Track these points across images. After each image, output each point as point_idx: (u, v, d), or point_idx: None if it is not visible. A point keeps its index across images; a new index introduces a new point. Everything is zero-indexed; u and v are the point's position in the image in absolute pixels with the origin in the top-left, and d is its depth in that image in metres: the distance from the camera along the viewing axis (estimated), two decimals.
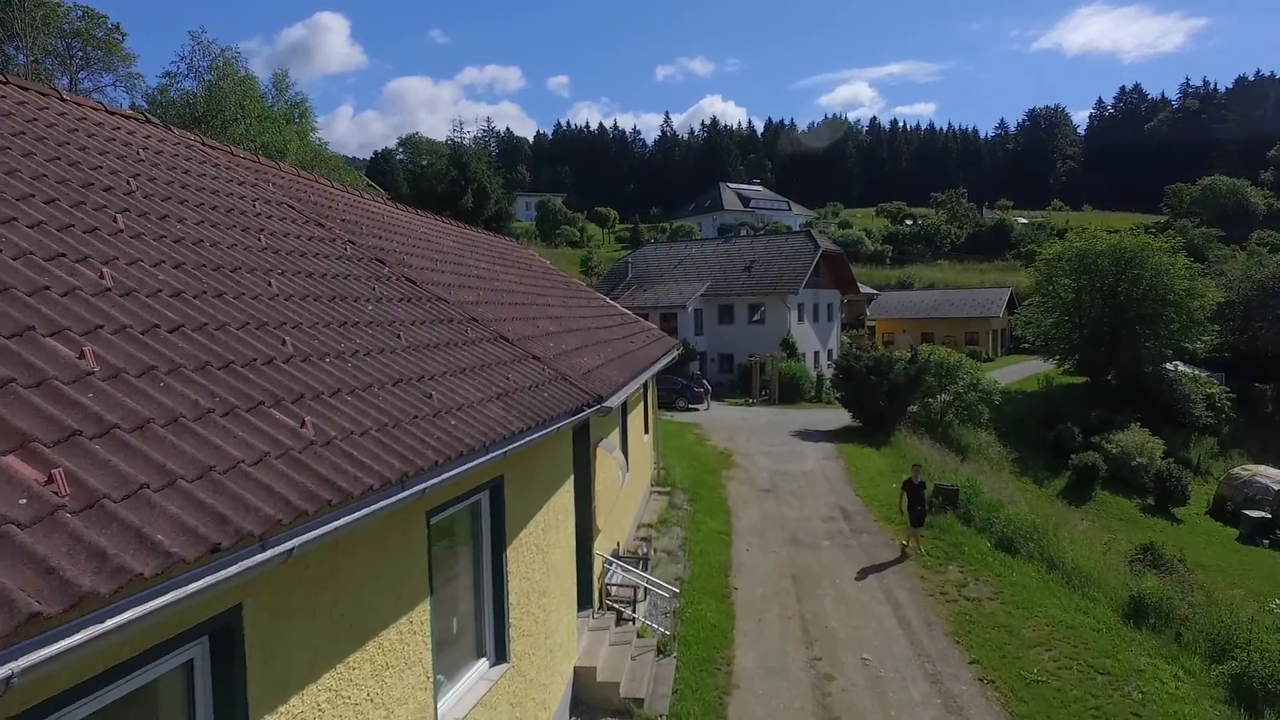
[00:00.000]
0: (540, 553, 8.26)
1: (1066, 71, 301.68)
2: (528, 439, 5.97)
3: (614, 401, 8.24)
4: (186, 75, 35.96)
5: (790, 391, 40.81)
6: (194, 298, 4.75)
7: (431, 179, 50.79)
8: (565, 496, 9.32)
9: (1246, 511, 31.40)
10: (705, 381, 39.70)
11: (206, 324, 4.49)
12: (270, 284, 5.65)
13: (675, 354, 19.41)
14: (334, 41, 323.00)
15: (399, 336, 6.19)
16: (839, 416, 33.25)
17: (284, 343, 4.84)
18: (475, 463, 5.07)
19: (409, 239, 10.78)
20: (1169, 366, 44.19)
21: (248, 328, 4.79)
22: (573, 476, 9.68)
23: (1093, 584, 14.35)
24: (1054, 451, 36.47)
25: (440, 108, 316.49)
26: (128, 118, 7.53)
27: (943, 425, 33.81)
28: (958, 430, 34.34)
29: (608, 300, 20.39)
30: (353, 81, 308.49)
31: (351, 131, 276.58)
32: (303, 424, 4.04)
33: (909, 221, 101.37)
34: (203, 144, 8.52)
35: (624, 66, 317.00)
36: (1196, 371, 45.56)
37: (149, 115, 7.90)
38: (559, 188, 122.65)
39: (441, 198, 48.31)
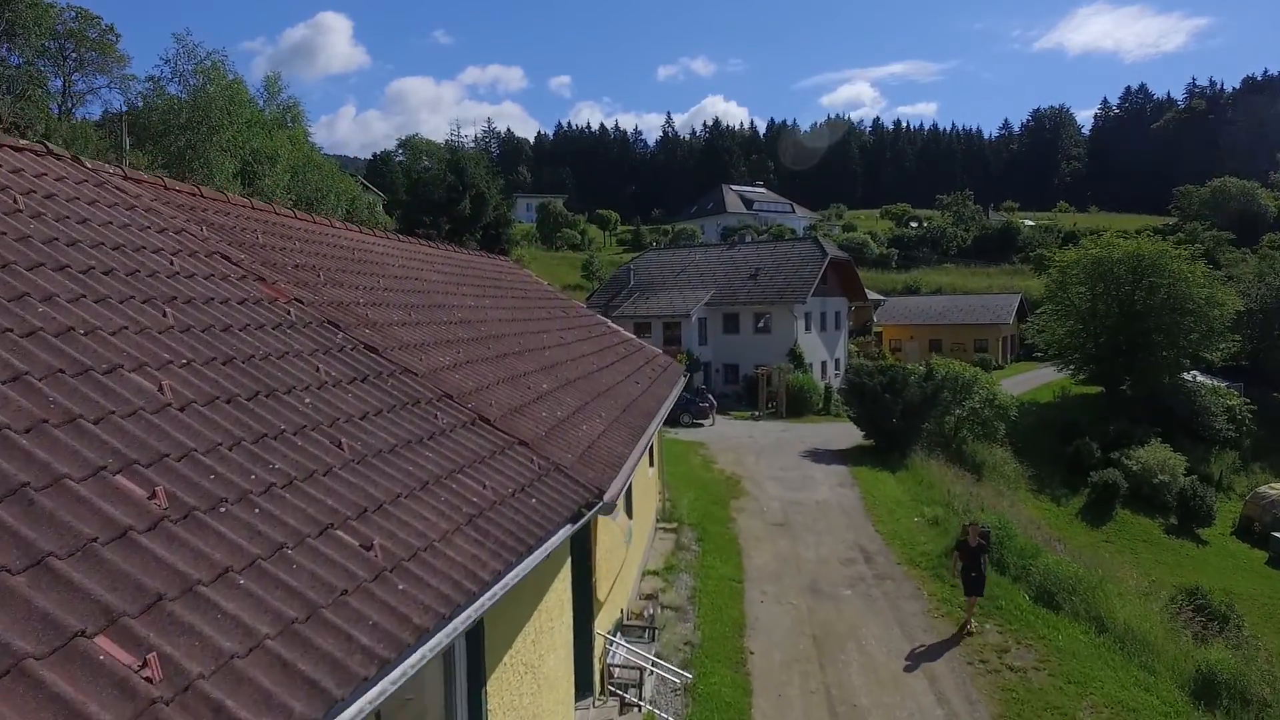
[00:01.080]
0: (530, 671, 6.86)
1: (1068, 71, 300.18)
2: (506, 581, 4.56)
3: (616, 492, 6.83)
4: (171, 79, 34.46)
5: (798, 404, 39.40)
6: (23, 433, 3.32)
7: (429, 184, 49.14)
8: (561, 588, 7.91)
9: (1276, 534, 30.15)
10: (710, 395, 38.31)
11: (26, 484, 3.04)
12: (161, 387, 4.22)
13: (683, 382, 18.08)
14: (337, 42, 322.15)
15: (341, 445, 4.76)
16: (849, 432, 31.82)
17: (152, 495, 3.40)
18: (427, 647, 3.66)
19: (381, 280, 9.34)
20: (1187, 376, 42.82)
21: (99, 476, 3.34)
22: (570, 560, 8.28)
23: (1150, 651, 12.84)
24: (1071, 468, 35.05)
25: (442, 108, 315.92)
26: (19, 150, 6.10)
27: (956, 442, 32.43)
28: (971, 447, 32.96)
29: (609, 324, 18.98)
30: (355, 82, 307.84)
31: (353, 131, 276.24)
32: (144, 663, 2.62)
33: (914, 224, 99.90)
34: (125, 177, 7.10)
35: (626, 66, 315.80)
36: (1215, 382, 44.16)
37: (50, 145, 6.47)
38: (560, 189, 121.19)
39: (439, 204, 46.65)
